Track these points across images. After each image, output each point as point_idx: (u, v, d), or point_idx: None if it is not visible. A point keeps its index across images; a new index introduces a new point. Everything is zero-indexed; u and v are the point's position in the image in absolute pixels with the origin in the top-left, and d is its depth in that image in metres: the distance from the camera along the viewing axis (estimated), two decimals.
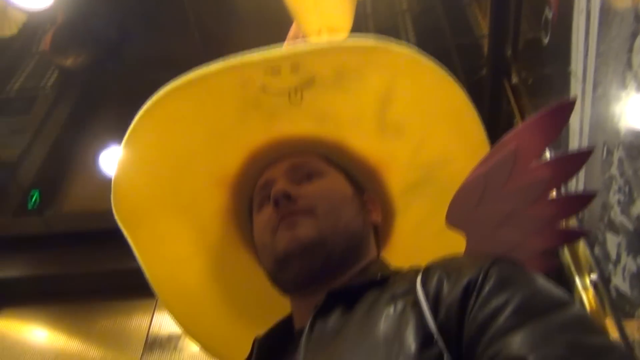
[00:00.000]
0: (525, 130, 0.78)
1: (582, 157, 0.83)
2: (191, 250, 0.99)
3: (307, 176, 0.87)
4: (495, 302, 0.57)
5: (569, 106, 0.77)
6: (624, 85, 1.05)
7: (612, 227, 1.13)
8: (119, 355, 2.63)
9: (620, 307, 1.13)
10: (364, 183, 0.94)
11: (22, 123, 2.66)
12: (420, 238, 0.99)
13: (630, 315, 1.09)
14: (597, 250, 1.24)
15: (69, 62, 2.41)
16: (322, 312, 0.72)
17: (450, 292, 0.61)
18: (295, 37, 1.82)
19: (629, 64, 1.02)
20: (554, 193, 0.84)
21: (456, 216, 0.84)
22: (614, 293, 1.15)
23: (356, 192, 0.90)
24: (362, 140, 0.92)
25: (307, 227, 0.78)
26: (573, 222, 1.34)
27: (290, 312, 0.87)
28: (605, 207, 1.16)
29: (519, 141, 0.78)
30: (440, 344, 0.58)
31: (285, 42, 1.84)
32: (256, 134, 0.91)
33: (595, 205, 1.21)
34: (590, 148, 0.82)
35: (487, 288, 0.59)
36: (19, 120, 2.66)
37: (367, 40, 0.83)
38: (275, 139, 0.91)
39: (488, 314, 0.56)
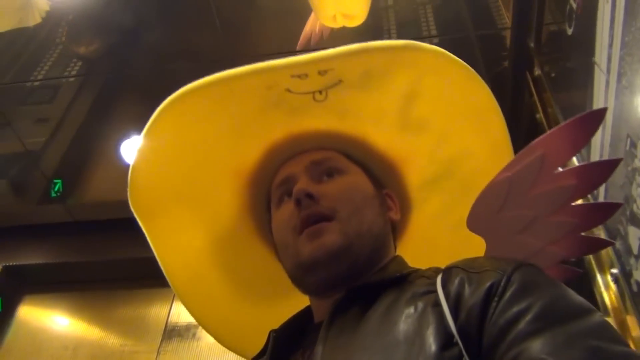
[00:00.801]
0: (554, 137, 0.76)
1: (609, 165, 0.80)
2: (205, 241, 0.99)
3: (327, 173, 0.86)
4: (517, 307, 0.57)
5: (600, 114, 0.75)
6: None
7: (634, 220, 1.11)
8: (138, 343, 2.66)
9: None
10: (383, 178, 0.94)
11: (46, 112, 2.70)
12: (436, 233, 0.98)
13: None
14: (618, 244, 1.22)
15: (82, 49, 2.42)
16: (341, 307, 0.73)
17: (472, 295, 0.61)
18: (313, 26, 1.82)
19: None
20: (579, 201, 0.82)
21: (477, 221, 0.83)
22: (635, 287, 1.13)
23: (376, 189, 0.89)
24: (383, 136, 0.92)
25: (333, 234, 0.78)
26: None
27: (308, 305, 0.87)
28: (628, 200, 1.13)
29: (547, 147, 0.76)
30: (460, 346, 0.58)
31: (303, 33, 1.84)
32: (276, 128, 0.90)
33: (618, 198, 1.19)
34: (618, 158, 0.80)
35: (509, 293, 0.59)
36: (43, 110, 2.69)
37: (396, 42, 0.81)
38: (295, 133, 0.91)
39: (509, 318, 0.56)
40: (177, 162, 0.93)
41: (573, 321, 0.54)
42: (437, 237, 0.98)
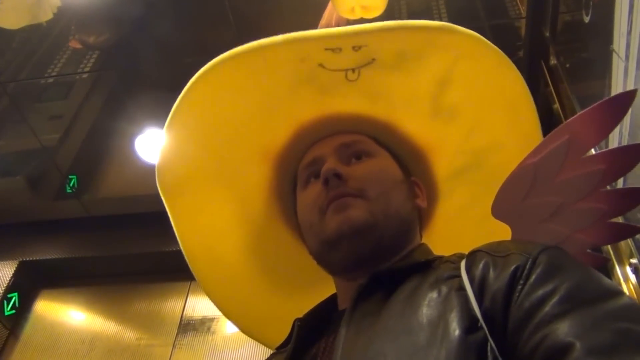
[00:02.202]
0: (581, 121, 0.73)
1: (639, 150, 0.76)
2: (230, 222, 0.98)
3: (356, 155, 0.85)
4: (543, 290, 0.56)
5: (630, 96, 0.71)
6: None
7: None
8: (154, 337, 2.68)
9: None
10: (410, 166, 0.92)
11: (60, 108, 2.71)
12: (462, 224, 0.97)
13: None
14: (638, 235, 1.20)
15: (91, 40, 2.42)
16: (365, 293, 0.72)
17: (497, 278, 0.60)
18: (330, 18, 1.81)
19: None
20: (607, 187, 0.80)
21: (502, 208, 0.81)
22: None
23: (405, 175, 0.88)
24: (414, 122, 0.90)
25: (360, 209, 0.77)
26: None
27: (334, 293, 0.86)
28: None
29: (573, 132, 0.73)
30: (485, 330, 0.57)
31: (319, 25, 1.83)
32: (307, 108, 0.89)
33: (637, 187, 1.17)
34: None
35: (534, 275, 0.58)
36: (57, 106, 2.71)
37: (432, 22, 0.80)
38: (325, 115, 0.90)
39: (535, 301, 0.55)
40: (207, 138, 0.91)
41: (600, 303, 0.53)
42: (463, 229, 0.96)
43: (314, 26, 1.74)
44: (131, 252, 2.80)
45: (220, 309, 1.02)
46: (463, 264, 0.66)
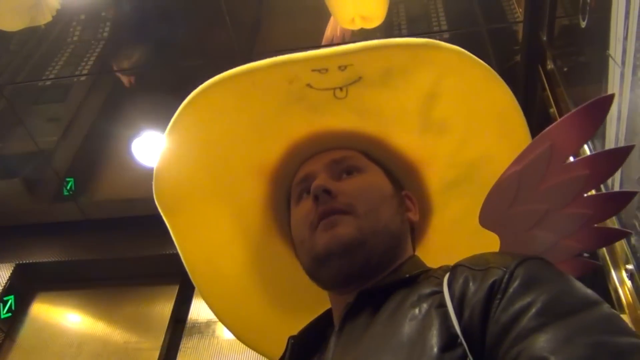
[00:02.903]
0: (561, 127, 0.74)
1: (621, 153, 0.77)
2: (228, 237, 0.99)
3: (347, 171, 0.86)
4: (520, 304, 0.55)
5: (607, 101, 0.72)
6: None
7: None
8: (142, 340, 2.70)
9: None
10: (402, 180, 0.93)
11: (58, 111, 2.71)
12: (457, 236, 0.96)
13: None
14: (633, 240, 1.20)
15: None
16: (352, 311, 0.73)
17: (475, 293, 0.60)
18: (334, 30, 1.82)
19: None
20: (592, 192, 0.80)
21: (489, 217, 0.82)
22: None
23: (395, 189, 0.88)
24: (404, 137, 0.91)
25: (348, 226, 0.77)
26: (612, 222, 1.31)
27: (329, 308, 0.86)
28: None
29: (555, 138, 0.74)
30: (465, 346, 0.57)
31: (325, 37, 1.84)
32: (298, 126, 0.90)
33: None
34: (630, 144, 0.77)
35: (511, 289, 0.57)
36: (55, 109, 2.71)
37: (416, 39, 0.81)
38: (316, 132, 0.90)
39: (511, 316, 0.55)
40: (202, 157, 0.93)
41: (576, 315, 0.53)
42: (456, 241, 0.96)
43: (309, 28, 1.75)
44: (127, 255, 2.79)
45: (220, 319, 1.03)
46: (446, 279, 0.66)
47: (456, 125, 0.89)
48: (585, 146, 1.44)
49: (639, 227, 1.16)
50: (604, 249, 1.41)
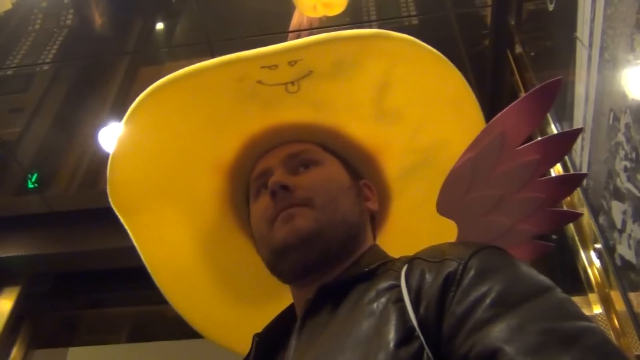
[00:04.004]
0: (511, 113, 0.76)
1: (570, 136, 0.81)
2: (188, 236, 0.99)
3: (304, 164, 0.87)
4: (474, 295, 0.56)
5: (555, 85, 0.74)
6: (631, 48, 1.02)
7: (618, 194, 1.11)
8: None
9: (625, 275, 1.11)
10: (360, 169, 0.94)
11: (21, 101, 2.64)
12: (417, 221, 0.98)
13: (635, 284, 1.07)
14: (601, 219, 1.22)
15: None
16: (312, 308, 0.73)
17: (431, 285, 0.61)
18: (300, 18, 1.80)
19: (637, 26, 0.99)
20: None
21: (446, 204, 0.83)
22: (618, 262, 1.14)
23: (353, 179, 0.89)
24: (359, 127, 0.92)
25: (305, 219, 0.78)
26: (575, 198, 1.33)
27: (292, 303, 0.86)
28: (611, 174, 1.13)
29: (505, 124, 0.76)
30: (422, 339, 0.57)
31: (291, 26, 1.82)
32: (252, 122, 0.90)
33: (601, 173, 1.19)
34: (578, 128, 0.81)
35: (466, 281, 0.58)
36: (17, 99, 2.64)
37: (364, 30, 0.82)
38: (271, 126, 0.91)
39: (466, 307, 0.56)
40: (157, 157, 0.92)
41: (528, 303, 0.54)
42: (417, 225, 0.98)
43: (277, 13, 1.73)
44: (96, 247, 2.74)
45: (185, 317, 1.03)
46: (403, 272, 0.67)
47: (410, 112, 0.91)
48: (554, 127, 1.46)
49: (606, 206, 1.18)
50: (573, 229, 1.43)
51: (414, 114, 0.91)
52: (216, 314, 1.04)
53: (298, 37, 1.68)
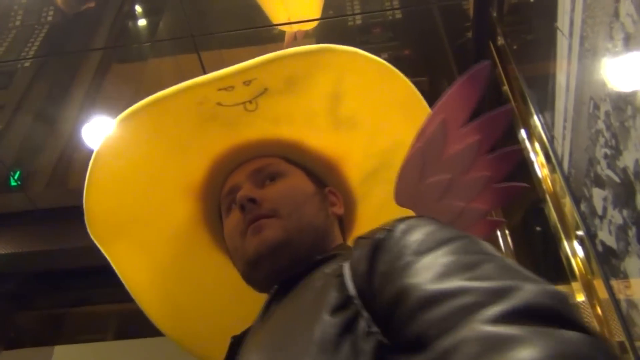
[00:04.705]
0: (449, 99, 0.81)
1: (504, 114, 0.86)
2: (168, 258, 1.02)
3: (270, 177, 0.91)
4: (396, 248, 0.60)
5: (484, 68, 0.80)
6: (610, 37, 1.03)
7: (599, 181, 1.12)
8: None
9: (606, 261, 1.13)
10: (324, 177, 0.99)
11: (2, 98, 2.61)
12: (384, 220, 1.00)
13: (616, 269, 1.08)
14: (583, 206, 1.24)
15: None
16: (273, 300, 0.78)
17: (362, 251, 0.63)
18: (292, 39, 1.82)
19: (616, 14, 1.00)
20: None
21: (403, 195, 0.88)
22: (600, 248, 1.15)
23: (317, 187, 0.94)
24: (318, 137, 0.97)
25: (273, 229, 0.82)
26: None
27: None
28: (592, 162, 1.15)
29: (445, 111, 0.81)
30: (357, 305, 0.59)
31: (285, 44, 1.84)
32: (217, 142, 0.95)
33: (582, 161, 1.20)
34: (508, 106, 0.87)
35: (391, 241, 0.61)
36: None
37: (311, 46, 0.87)
38: (235, 145, 0.95)
39: (389, 261, 0.59)
40: (129, 184, 0.96)
41: (440, 247, 0.56)
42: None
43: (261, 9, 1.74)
44: (79, 245, 2.72)
45: (171, 337, 1.05)
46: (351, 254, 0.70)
47: (364, 119, 0.96)
48: (536, 118, 1.47)
49: (587, 194, 1.19)
50: (556, 218, 1.45)
51: (368, 121, 0.96)
52: (202, 332, 1.07)
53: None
